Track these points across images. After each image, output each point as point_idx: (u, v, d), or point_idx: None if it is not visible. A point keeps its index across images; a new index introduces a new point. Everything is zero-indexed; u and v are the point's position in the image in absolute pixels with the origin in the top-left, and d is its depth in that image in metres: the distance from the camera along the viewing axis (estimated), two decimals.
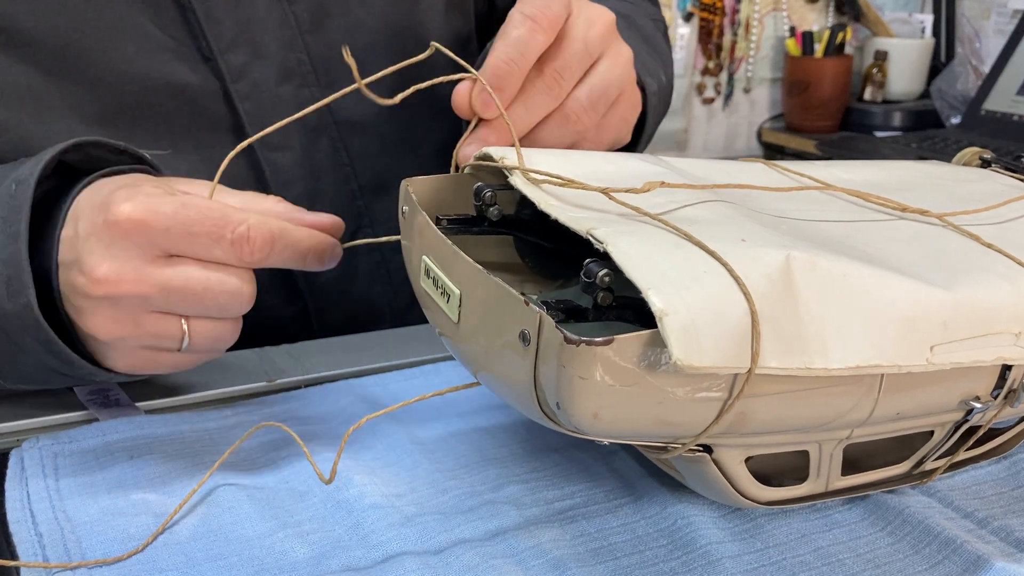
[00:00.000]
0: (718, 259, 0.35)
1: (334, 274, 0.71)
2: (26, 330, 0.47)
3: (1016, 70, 1.71)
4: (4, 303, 0.47)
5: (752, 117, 2.05)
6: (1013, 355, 0.40)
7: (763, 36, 2.01)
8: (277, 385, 0.60)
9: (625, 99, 0.56)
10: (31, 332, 0.47)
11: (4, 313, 0.47)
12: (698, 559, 0.43)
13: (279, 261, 0.48)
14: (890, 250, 0.42)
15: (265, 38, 0.64)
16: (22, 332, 0.47)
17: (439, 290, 0.42)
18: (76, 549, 0.42)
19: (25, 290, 0.46)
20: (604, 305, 0.36)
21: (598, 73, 0.53)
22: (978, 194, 0.52)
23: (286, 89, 0.65)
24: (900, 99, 1.95)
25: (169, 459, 0.50)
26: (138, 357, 0.49)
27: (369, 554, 0.43)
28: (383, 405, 0.57)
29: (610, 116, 0.56)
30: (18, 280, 0.46)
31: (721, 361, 0.33)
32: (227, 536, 0.44)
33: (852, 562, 0.43)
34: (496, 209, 0.46)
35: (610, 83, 0.54)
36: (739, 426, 0.37)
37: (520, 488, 0.48)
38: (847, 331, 0.36)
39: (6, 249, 0.46)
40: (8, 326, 0.47)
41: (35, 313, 0.46)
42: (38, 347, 0.48)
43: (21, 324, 0.47)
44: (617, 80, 0.54)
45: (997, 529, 0.45)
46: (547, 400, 0.36)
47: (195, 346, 0.49)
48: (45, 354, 0.48)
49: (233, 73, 0.63)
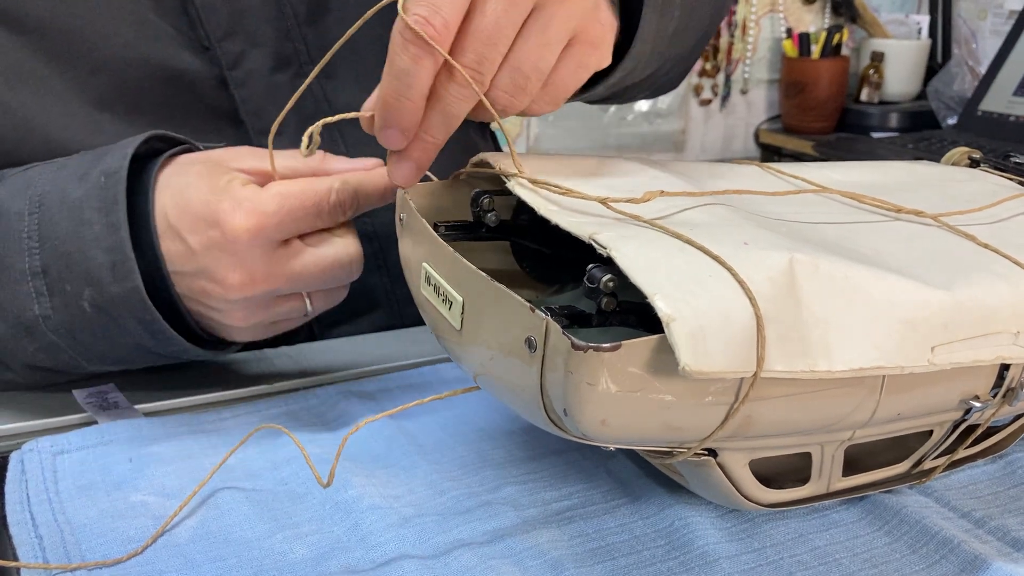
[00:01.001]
0: (722, 263, 0.35)
1: None
2: (131, 312, 0.50)
3: (1012, 71, 1.71)
4: (110, 287, 0.50)
5: (749, 118, 2.05)
6: (1012, 354, 0.41)
7: (760, 37, 2.01)
8: (275, 387, 0.60)
9: (578, 42, 0.47)
10: (136, 314, 0.50)
11: (110, 296, 0.50)
12: (695, 559, 0.43)
13: (365, 208, 0.53)
14: (888, 251, 0.42)
15: (261, 27, 0.65)
16: (126, 314, 0.50)
17: (440, 297, 0.42)
18: (76, 551, 0.42)
19: (131, 275, 0.49)
20: (608, 311, 0.36)
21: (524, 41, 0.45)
22: (970, 194, 0.52)
23: (281, 77, 0.66)
24: (897, 100, 1.95)
25: (168, 461, 0.50)
26: (264, 331, 0.55)
27: (368, 555, 0.43)
28: (382, 406, 0.57)
29: (558, 71, 0.47)
30: (123, 266, 0.49)
31: (728, 365, 0.33)
32: (226, 538, 0.44)
33: (849, 562, 0.43)
34: (494, 215, 0.46)
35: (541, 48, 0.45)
36: (744, 430, 0.38)
37: (518, 489, 0.48)
38: (850, 333, 0.36)
39: (108, 239, 0.50)
40: (112, 308, 0.50)
41: (142, 296, 0.50)
42: (139, 328, 0.51)
43: (127, 306, 0.50)
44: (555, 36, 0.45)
45: (994, 529, 0.45)
46: (554, 407, 0.36)
47: (316, 311, 0.55)
48: (145, 334, 0.52)
49: (229, 60, 0.64)
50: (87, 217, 0.50)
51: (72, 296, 0.50)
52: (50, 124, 0.53)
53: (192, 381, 0.60)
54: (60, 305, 0.51)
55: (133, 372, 0.61)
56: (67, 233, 0.50)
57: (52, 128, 0.53)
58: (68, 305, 0.51)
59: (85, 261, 0.50)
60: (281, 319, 0.54)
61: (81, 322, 0.51)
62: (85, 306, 0.50)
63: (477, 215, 0.47)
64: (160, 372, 0.62)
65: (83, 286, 0.50)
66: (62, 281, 0.50)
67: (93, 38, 0.60)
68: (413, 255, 0.46)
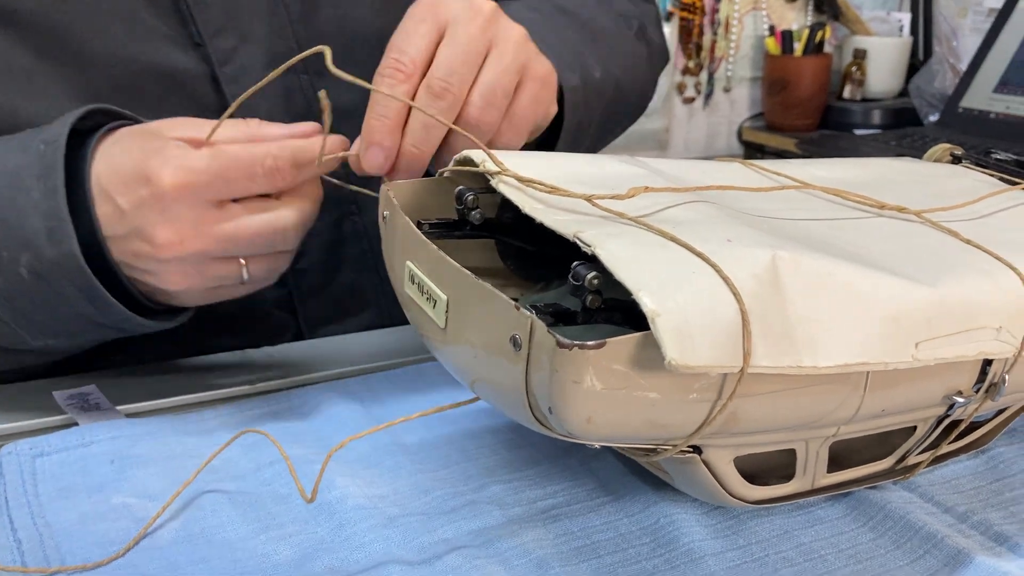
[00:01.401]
0: (706, 260, 0.35)
1: (319, 260, 0.71)
2: (69, 277, 0.50)
3: (992, 68, 1.72)
4: (47, 251, 0.49)
5: (732, 116, 2.06)
6: (994, 349, 0.41)
7: (743, 35, 2.02)
8: (259, 388, 0.59)
9: (529, 79, 0.55)
10: (74, 279, 0.50)
11: (47, 261, 0.49)
12: (681, 556, 0.43)
13: (307, 176, 0.52)
14: (871, 248, 0.42)
15: (254, 24, 0.65)
16: (64, 280, 0.50)
17: (424, 295, 0.42)
18: (55, 555, 0.42)
19: (68, 239, 0.49)
20: (593, 308, 0.36)
21: (488, 67, 0.53)
22: (952, 190, 0.53)
23: None
24: (879, 97, 1.96)
25: (150, 463, 0.50)
26: (202, 297, 0.54)
27: (352, 555, 0.43)
28: (365, 406, 0.56)
29: (518, 102, 0.55)
30: (60, 230, 0.49)
31: (714, 360, 0.33)
32: (209, 539, 0.44)
33: (834, 558, 0.43)
34: (478, 213, 0.46)
35: (501, 73, 0.53)
36: (730, 426, 0.38)
37: (503, 488, 0.48)
38: (835, 329, 0.36)
39: (45, 203, 0.49)
40: (50, 274, 0.50)
41: (79, 261, 0.49)
42: (78, 295, 0.51)
43: (64, 271, 0.50)
44: (511, 65, 0.54)
45: (977, 523, 0.45)
46: (539, 405, 0.36)
47: (253, 279, 0.53)
48: (84, 302, 0.51)
49: (221, 57, 0.64)
50: (25, 184, 0.50)
51: (9, 262, 0.50)
52: (37, 120, 0.53)
53: (174, 382, 0.60)
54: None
55: (114, 374, 0.60)
56: (4, 200, 0.50)
57: (39, 123, 0.52)
58: (5, 272, 0.50)
59: (22, 227, 0.49)
60: (218, 284, 0.53)
61: (19, 290, 0.51)
62: (23, 272, 0.50)
63: (461, 213, 0.46)
64: (142, 373, 0.61)
65: (20, 251, 0.50)
66: None
67: (83, 33, 0.60)
68: (397, 253, 0.45)
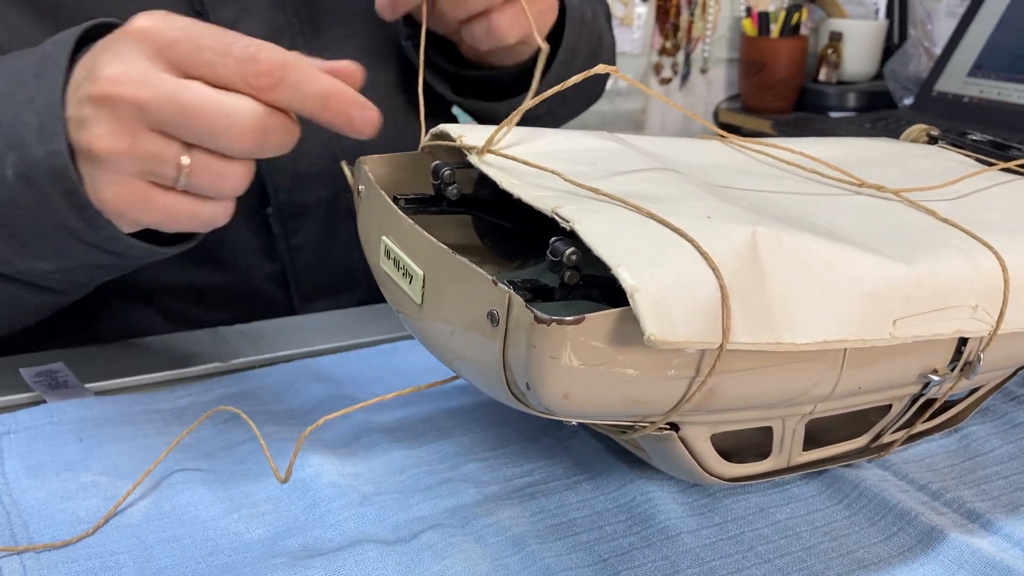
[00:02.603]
0: (684, 236, 0.35)
1: (314, 236, 0.70)
2: (53, 179, 0.46)
3: (966, 52, 1.73)
4: (35, 149, 0.46)
5: (709, 98, 2.06)
6: (970, 328, 0.41)
7: (720, 16, 2.01)
8: (231, 365, 0.59)
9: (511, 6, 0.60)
10: (58, 181, 0.46)
11: (33, 160, 0.46)
12: (657, 534, 0.43)
13: (294, 100, 0.45)
14: (849, 225, 0.42)
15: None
16: (48, 181, 0.46)
17: (400, 271, 0.41)
18: (23, 533, 0.41)
19: (57, 137, 0.46)
20: (571, 284, 0.36)
21: None
22: (930, 170, 0.53)
23: None
24: (854, 80, 1.96)
25: (120, 441, 0.49)
26: (132, 189, 0.46)
27: (326, 534, 0.42)
28: (339, 385, 0.56)
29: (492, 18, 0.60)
30: (51, 126, 0.46)
31: (693, 336, 0.33)
32: (180, 518, 0.43)
33: (809, 535, 0.43)
34: (455, 188, 0.45)
35: None
36: (707, 403, 0.37)
37: (479, 466, 0.48)
38: (813, 306, 0.36)
39: (40, 99, 0.46)
40: (35, 175, 0.47)
41: (64, 158, 0.46)
42: (62, 200, 0.47)
43: (49, 170, 0.46)
44: None
45: (950, 501, 0.45)
46: (516, 381, 0.35)
47: (195, 183, 0.46)
48: (68, 210, 0.47)
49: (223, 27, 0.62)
50: (24, 80, 0.47)
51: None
52: None
53: (144, 360, 0.59)
54: None
55: (82, 352, 0.59)
56: (1, 97, 0.48)
57: None
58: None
59: (14, 124, 0.47)
60: (149, 171, 0.46)
61: (3, 194, 0.48)
62: (8, 174, 0.47)
63: (438, 188, 0.46)
64: (110, 350, 0.60)
65: (7, 150, 0.47)
66: None
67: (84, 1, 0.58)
68: (372, 228, 0.45)
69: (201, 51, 0.44)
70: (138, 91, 0.44)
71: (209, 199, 0.48)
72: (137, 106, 0.44)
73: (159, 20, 0.45)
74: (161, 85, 0.44)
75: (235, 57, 0.44)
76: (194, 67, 0.45)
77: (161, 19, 0.45)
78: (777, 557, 0.42)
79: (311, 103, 0.45)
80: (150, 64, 0.45)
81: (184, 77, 0.45)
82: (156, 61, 0.45)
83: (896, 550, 0.42)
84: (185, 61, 0.45)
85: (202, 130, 0.45)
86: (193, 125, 0.44)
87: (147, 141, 0.45)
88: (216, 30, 0.46)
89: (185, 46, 0.44)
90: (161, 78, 0.44)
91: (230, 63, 0.44)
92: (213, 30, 0.45)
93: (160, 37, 0.45)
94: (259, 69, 0.44)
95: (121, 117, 0.45)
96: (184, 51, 0.44)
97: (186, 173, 0.46)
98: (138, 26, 0.45)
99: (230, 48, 0.44)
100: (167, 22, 0.45)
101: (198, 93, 0.44)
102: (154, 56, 0.45)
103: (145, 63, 0.45)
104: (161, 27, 0.45)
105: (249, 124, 0.45)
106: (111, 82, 0.44)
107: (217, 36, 0.45)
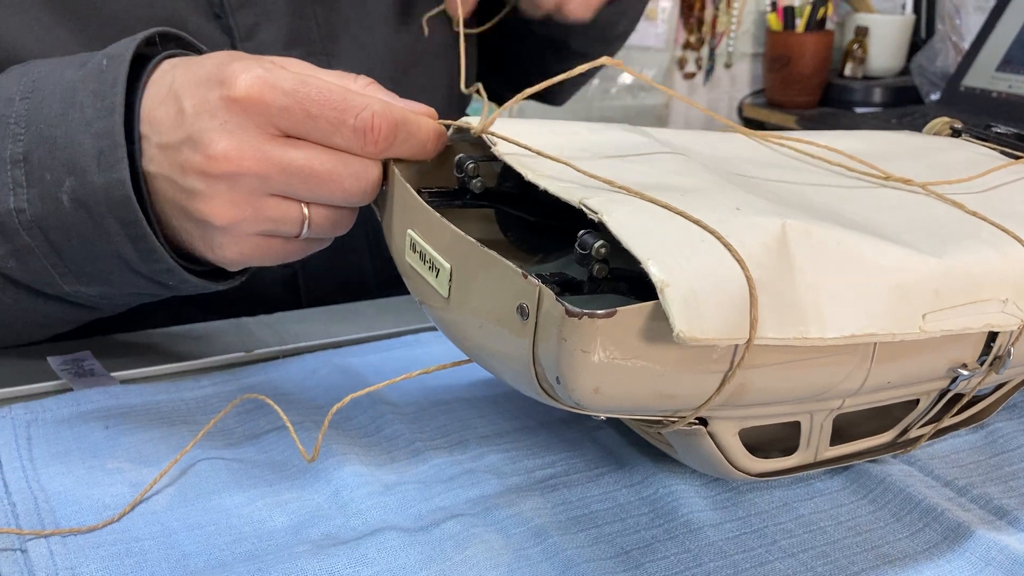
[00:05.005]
0: (708, 229, 0.35)
1: None
2: (112, 208, 0.45)
3: (995, 47, 1.71)
4: (94, 176, 0.45)
5: (733, 92, 2.05)
6: (1000, 322, 0.40)
7: (744, 11, 2.00)
8: (254, 355, 0.59)
9: None
10: (117, 210, 0.45)
11: (92, 188, 0.45)
12: (680, 527, 0.43)
13: (400, 152, 0.45)
14: (877, 218, 0.41)
15: (278, 2, 0.64)
16: (107, 210, 0.45)
17: (427, 264, 0.41)
18: (50, 518, 0.42)
19: (119, 164, 0.44)
20: (599, 278, 0.35)
21: None
22: (955, 162, 0.52)
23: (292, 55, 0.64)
24: (880, 75, 1.95)
25: (144, 429, 0.49)
26: (252, 244, 0.46)
27: (349, 522, 0.42)
28: (361, 376, 0.56)
29: None
30: (112, 153, 0.44)
31: (722, 331, 0.33)
32: (204, 505, 0.43)
33: (833, 530, 0.43)
34: (479, 181, 0.45)
35: None
36: (737, 398, 0.37)
37: (501, 457, 0.48)
38: (842, 300, 0.36)
39: (99, 122, 0.45)
40: (93, 202, 0.45)
41: (126, 189, 0.44)
42: (120, 231, 0.46)
43: (108, 199, 0.45)
44: None
45: (977, 497, 0.45)
46: (546, 375, 0.35)
47: (314, 232, 0.46)
48: (125, 240, 0.46)
49: (242, 32, 0.63)
50: (79, 99, 0.45)
51: (51, 186, 0.46)
52: None
53: (169, 349, 0.59)
54: (36, 197, 0.46)
55: (109, 341, 0.60)
56: (55, 116, 0.46)
57: None
58: (45, 198, 0.46)
59: (70, 147, 0.45)
60: (270, 230, 0.46)
61: (58, 219, 0.46)
62: (64, 199, 0.45)
63: (462, 181, 0.46)
64: (136, 340, 0.61)
65: (64, 175, 0.45)
66: (42, 169, 0.46)
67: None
68: (397, 222, 0.45)
69: (315, 121, 0.43)
70: (259, 166, 0.43)
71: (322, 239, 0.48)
72: (259, 179, 0.43)
73: (265, 86, 0.43)
74: (281, 158, 0.43)
75: (351, 127, 0.43)
76: (307, 134, 0.44)
77: (266, 83, 0.43)
78: (801, 551, 0.41)
79: (415, 152, 0.45)
80: (262, 136, 0.43)
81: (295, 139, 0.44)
82: (267, 130, 0.43)
83: (922, 546, 0.42)
84: (298, 130, 0.43)
85: (330, 193, 0.45)
86: (320, 191, 0.44)
87: (268, 207, 0.45)
88: (319, 89, 0.43)
89: (296, 115, 0.43)
90: (278, 151, 0.43)
91: (347, 133, 0.43)
92: (317, 91, 0.43)
93: (270, 108, 0.43)
94: (376, 137, 0.43)
95: (241, 189, 0.44)
96: (296, 120, 0.43)
97: (307, 226, 0.46)
98: (244, 94, 0.42)
99: (344, 118, 0.43)
100: (273, 88, 0.43)
101: (320, 160, 0.44)
102: (264, 126, 0.43)
103: (256, 137, 0.43)
104: (270, 96, 0.43)
105: (375, 181, 0.45)
106: (226, 160, 0.43)
107: (326, 101, 0.43)
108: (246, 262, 0.47)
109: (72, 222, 0.46)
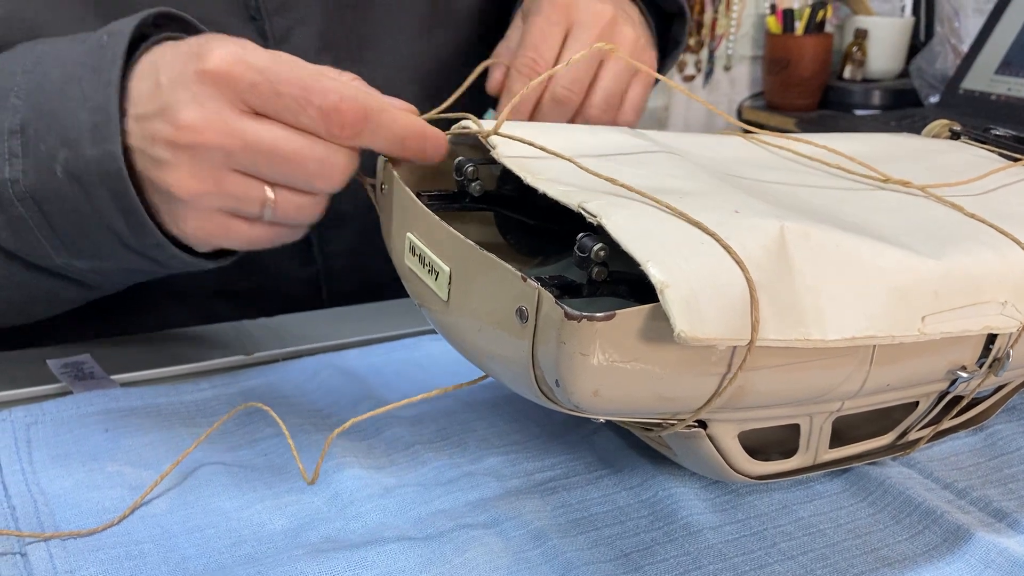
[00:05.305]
0: (707, 231, 0.35)
1: (350, 243, 0.71)
2: (104, 180, 0.45)
3: (994, 49, 1.71)
4: (87, 149, 0.45)
5: (732, 95, 2.05)
6: (999, 324, 0.40)
7: (744, 13, 2.00)
8: (254, 358, 0.59)
9: (638, 79, 0.64)
10: (109, 183, 0.46)
11: (85, 159, 0.45)
12: (679, 530, 0.43)
13: (373, 143, 0.45)
14: (876, 220, 0.41)
15: (311, 6, 0.64)
16: (99, 182, 0.46)
17: (426, 267, 0.41)
18: (49, 521, 0.42)
19: (112, 138, 0.45)
20: (599, 280, 0.35)
21: (605, 73, 0.61)
22: (954, 164, 0.52)
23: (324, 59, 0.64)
24: (879, 78, 1.95)
25: (145, 432, 0.49)
26: (214, 222, 0.46)
27: (348, 525, 0.42)
28: (362, 378, 0.56)
29: (629, 97, 0.63)
30: (106, 127, 0.45)
31: (722, 332, 0.33)
32: (204, 508, 0.43)
33: (833, 532, 0.43)
34: (478, 184, 0.45)
35: (616, 77, 0.61)
36: (736, 400, 0.37)
37: (500, 460, 0.48)
38: (842, 302, 0.36)
39: (96, 97, 0.45)
40: (85, 175, 0.46)
41: (118, 161, 0.45)
42: (111, 203, 0.46)
43: (100, 172, 0.45)
44: (624, 70, 0.62)
45: (976, 499, 0.45)
46: (545, 378, 0.35)
47: (278, 216, 0.46)
48: (116, 214, 0.46)
49: (277, 35, 0.63)
50: (78, 74, 0.46)
51: (46, 157, 0.46)
52: None
53: (169, 352, 0.59)
54: (31, 167, 0.47)
55: (108, 344, 0.60)
56: (54, 90, 0.46)
57: None
58: (40, 168, 0.46)
59: (66, 118, 0.46)
60: (232, 207, 0.45)
61: (52, 190, 0.47)
62: (57, 170, 0.46)
63: (461, 184, 0.46)
64: (136, 343, 0.61)
65: (59, 147, 0.46)
66: (37, 140, 0.46)
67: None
68: (396, 225, 0.45)
69: (281, 98, 0.43)
70: (222, 139, 0.43)
71: (287, 226, 0.48)
72: (222, 152, 0.44)
73: (237, 61, 0.43)
74: (245, 132, 0.43)
75: (317, 107, 0.43)
76: (275, 113, 0.44)
77: (238, 59, 0.43)
78: (800, 554, 0.41)
79: (390, 145, 0.45)
80: (230, 110, 0.44)
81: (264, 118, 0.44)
82: (235, 105, 0.44)
83: (921, 549, 0.42)
84: (265, 107, 0.44)
85: (293, 175, 0.45)
86: (284, 170, 0.44)
87: (230, 182, 0.45)
88: (291, 67, 0.44)
89: (264, 91, 0.43)
90: (243, 125, 0.43)
91: (313, 113, 0.43)
92: (288, 69, 0.43)
93: (239, 82, 0.43)
94: (342, 120, 0.43)
95: (204, 161, 0.44)
96: (264, 97, 0.43)
97: (270, 208, 0.46)
98: (215, 67, 0.43)
99: (310, 97, 0.43)
100: (244, 63, 0.43)
101: (285, 139, 0.44)
102: (233, 100, 0.44)
103: (224, 109, 0.43)
104: (239, 71, 0.43)
105: (342, 168, 0.45)
106: (192, 130, 0.43)
107: (295, 80, 0.43)
108: (208, 239, 0.47)
109: (65, 194, 0.47)
